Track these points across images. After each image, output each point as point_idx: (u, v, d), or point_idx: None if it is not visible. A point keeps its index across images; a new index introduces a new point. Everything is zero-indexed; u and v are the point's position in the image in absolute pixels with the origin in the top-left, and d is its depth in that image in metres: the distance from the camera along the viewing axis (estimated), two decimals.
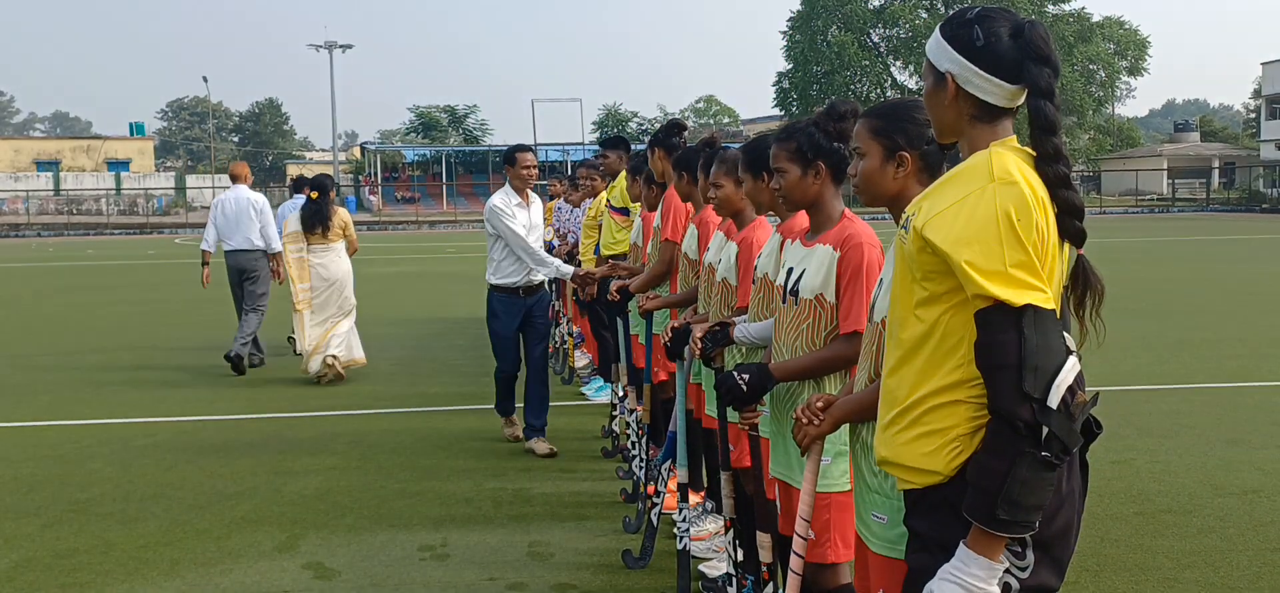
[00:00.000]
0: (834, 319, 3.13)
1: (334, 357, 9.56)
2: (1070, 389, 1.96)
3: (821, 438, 2.74)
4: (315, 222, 9.59)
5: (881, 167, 2.67)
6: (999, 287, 1.97)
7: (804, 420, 2.70)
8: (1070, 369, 1.98)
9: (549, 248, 9.22)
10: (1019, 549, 2.06)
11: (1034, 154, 2.12)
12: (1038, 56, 2.12)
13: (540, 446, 6.93)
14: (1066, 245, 2.11)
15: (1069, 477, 2.10)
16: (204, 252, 10.76)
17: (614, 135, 7.52)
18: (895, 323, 2.20)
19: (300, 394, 9.30)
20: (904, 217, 2.20)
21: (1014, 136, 2.18)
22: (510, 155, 7.08)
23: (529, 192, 7.07)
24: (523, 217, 6.95)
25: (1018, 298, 1.96)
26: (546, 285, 7.31)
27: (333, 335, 9.60)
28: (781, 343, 3.29)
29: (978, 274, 1.98)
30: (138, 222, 50.66)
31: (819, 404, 2.71)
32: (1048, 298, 2.00)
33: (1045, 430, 1.95)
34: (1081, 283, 2.15)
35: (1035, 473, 1.96)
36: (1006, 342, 1.97)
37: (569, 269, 7.05)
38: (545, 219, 9.20)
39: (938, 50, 2.20)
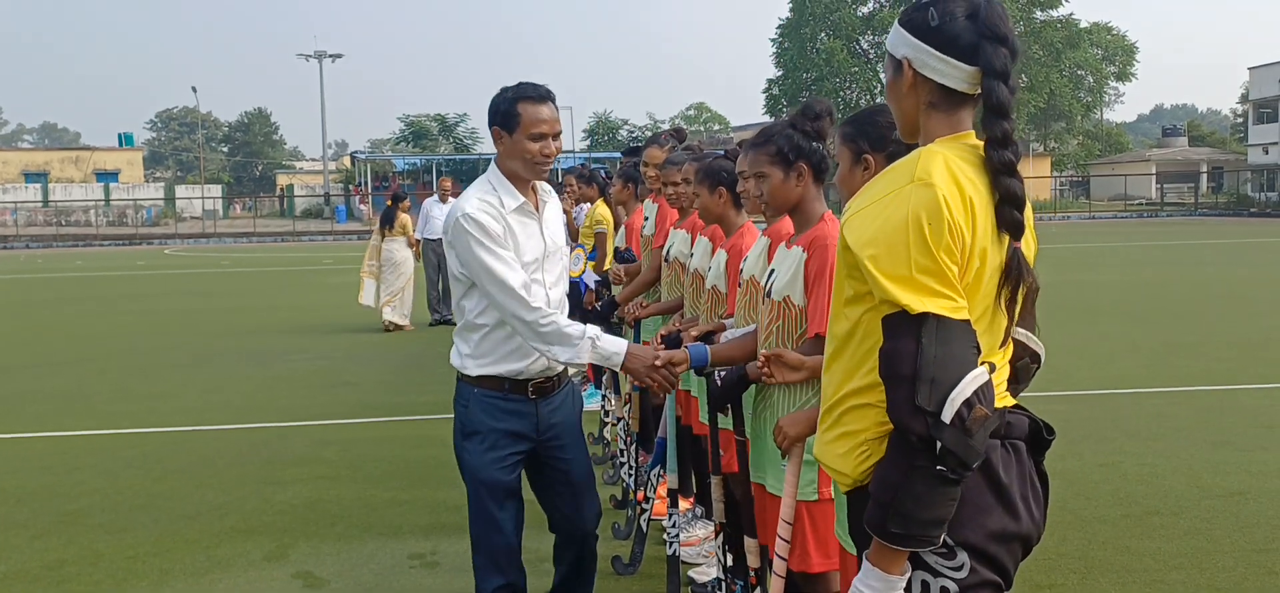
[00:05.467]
0: (802, 322, 3.09)
1: (393, 321, 13.92)
2: (967, 403, 1.87)
3: (801, 440, 2.76)
4: (385, 222, 14.48)
5: (850, 171, 2.70)
6: (900, 291, 1.91)
7: (784, 423, 2.72)
8: (971, 382, 1.89)
9: (579, 292, 6.16)
10: (945, 551, 1.99)
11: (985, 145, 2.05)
12: (994, 35, 2.03)
13: None
14: (1005, 237, 2.02)
15: (1002, 479, 2.03)
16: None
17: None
18: (832, 318, 2.15)
19: (289, 404, 9.29)
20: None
21: (971, 132, 2.10)
22: (504, 110, 3.48)
23: (538, 187, 3.61)
24: (527, 236, 3.51)
25: (918, 304, 1.90)
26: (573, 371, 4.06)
27: (392, 304, 13.96)
28: (759, 344, 3.30)
29: (882, 276, 1.92)
30: (127, 233, 50.49)
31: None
32: (956, 308, 1.92)
33: (939, 445, 1.88)
34: (1013, 277, 2.03)
35: (930, 488, 1.90)
36: (904, 351, 1.90)
37: (621, 348, 3.46)
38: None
39: (895, 37, 2.14)
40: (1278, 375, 9.55)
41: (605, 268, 8.53)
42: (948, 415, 1.87)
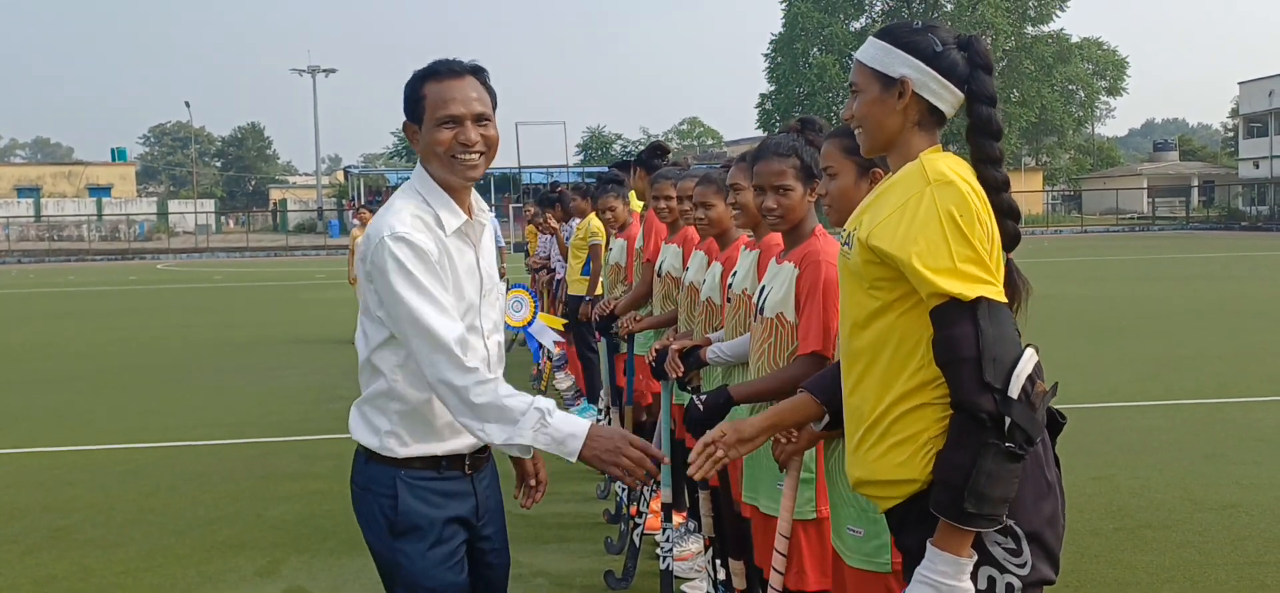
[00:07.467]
0: (794, 339, 3.07)
1: None
2: (1030, 379, 1.97)
3: (800, 454, 2.76)
4: None
5: (856, 184, 2.70)
6: (950, 281, 1.98)
7: (782, 438, 2.71)
8: (1029, 359, 1.98)
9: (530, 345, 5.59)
10: (1013, 546, 2.05)
11: (974, 158, 2.18)
12: (986, 66, 2.18)
13: None
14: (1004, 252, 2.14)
15: (1046, 466, 2.10)
16: None
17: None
18: (848, 340, 2.19)
19: (282, 419, 9.27)
20: (845, 234, 2.23)
21: (939, 147, 2.21)
22: (408, 95, 2.64)
23: (476, 204, 2.68)
24: (466, 269, 2.62)
25: (970, 291, 1.98)
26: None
27: None
28: (751, 361, 3.28)
29: (929, 271, 1.99)
30: (119, 247, 50.44)
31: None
32: (999, 291, 2.02)
33: (1007, 421, 1.95)
34: (1010, 285, 2.16)
35: (1000, 465, 1.96)
36: (963, 335, 1.97)
37: (581, 431, 2.54)
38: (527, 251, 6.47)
39: (887, 56, 2.21)
40: (1269, 389, 9.59)
41: (599, 281, 8.57)
42: (1015, 391, 1.95)
